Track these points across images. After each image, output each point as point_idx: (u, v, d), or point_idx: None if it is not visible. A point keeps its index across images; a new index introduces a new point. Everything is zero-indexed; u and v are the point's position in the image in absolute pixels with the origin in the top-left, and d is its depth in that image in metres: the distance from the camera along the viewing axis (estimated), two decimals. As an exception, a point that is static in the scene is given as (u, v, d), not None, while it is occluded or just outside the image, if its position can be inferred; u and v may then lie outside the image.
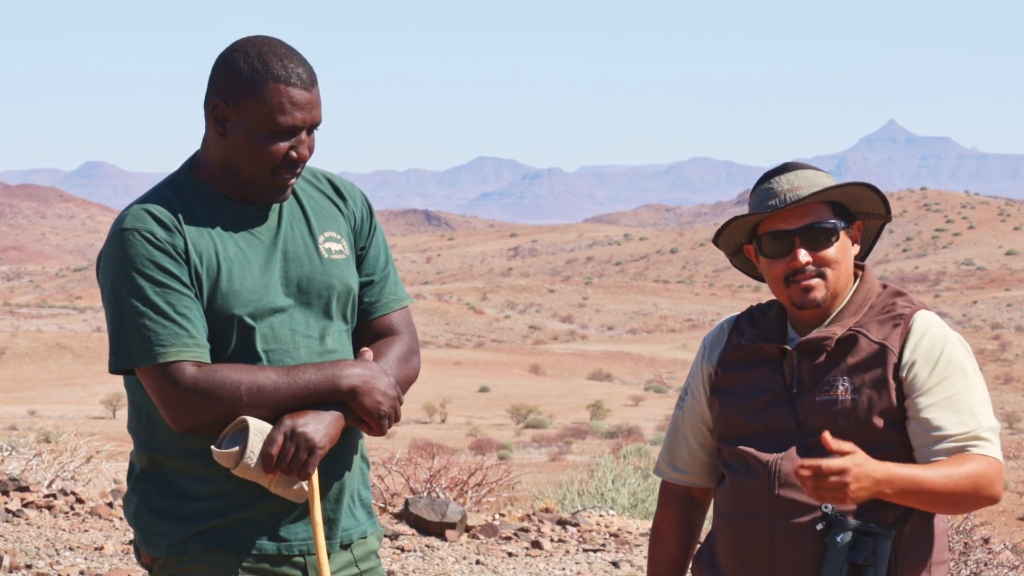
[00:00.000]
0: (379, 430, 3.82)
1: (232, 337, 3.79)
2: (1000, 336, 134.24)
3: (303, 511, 3.84)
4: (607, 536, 12.12)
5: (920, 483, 3.76)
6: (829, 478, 3.67)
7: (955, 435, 3.83)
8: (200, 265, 3.78)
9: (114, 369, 3.77)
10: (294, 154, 3.79)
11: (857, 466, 3.69)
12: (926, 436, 3.84)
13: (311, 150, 3.84)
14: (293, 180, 3.83)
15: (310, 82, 3.79)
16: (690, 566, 4.15)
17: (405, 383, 3.94)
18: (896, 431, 3.87)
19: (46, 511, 11.04)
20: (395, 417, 3.84)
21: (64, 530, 10.50)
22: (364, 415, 3.80)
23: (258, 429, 3.70)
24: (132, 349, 3.72)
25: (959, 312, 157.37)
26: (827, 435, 3.69)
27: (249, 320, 3.79)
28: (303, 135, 3.80)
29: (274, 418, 3.74)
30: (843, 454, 3.69)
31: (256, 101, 3.76)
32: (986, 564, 11.01)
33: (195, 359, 3.71)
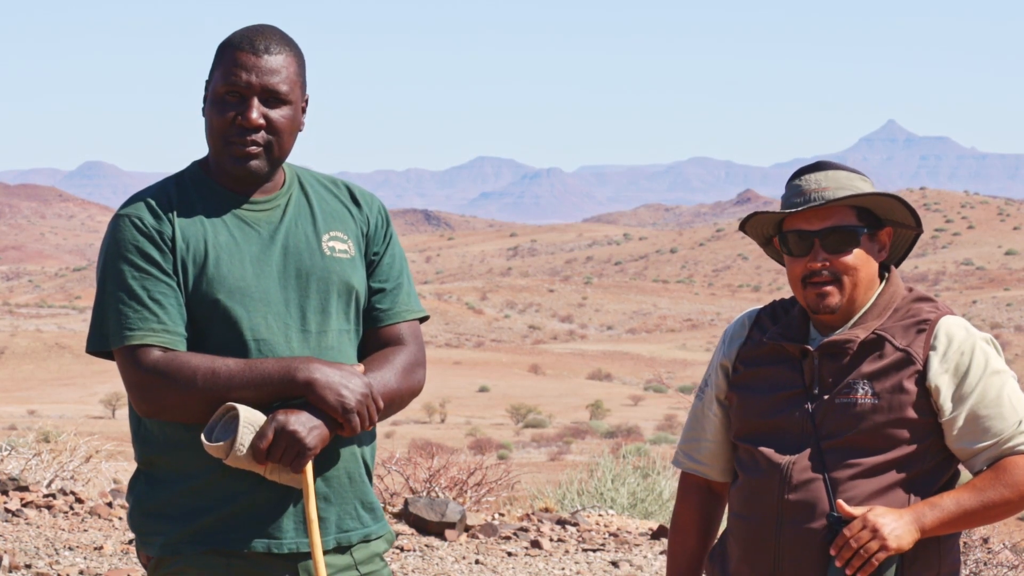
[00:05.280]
0: (349, 428, 3.73)
1: (216, 324, 3.76)
2: (1000, 336, 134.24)
3: (292, 508, 3.80)
4: (606, 536, 12.12)
5: (960, 505, 3.81)
6: (861, 538, 3.73)
7: (1001, 435, 3.82)
8: (186, 252, 3.77)
9: (89, 349, 3.79)
10: (240, 119, 3.76)
11: (877, 515, 3.75)
12: (973, 441, 3.83)
13: (271, 122, 3.78)
14: (255, 149, 3.78)
15: (265, 50, 3.77)
16: (704, 563, 4.13)
17: (407, 394, 3.88)
18: (911, 439, 3.85)
19: (45, 511, 11.05)
20: (368, 416, 3.75)
21: (63, 530, 10.50)
22: (328, 410, 3.70)
23: (248, 420, 3.66)
24: (106, 331, 3.75)
25: (959, 312, 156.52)
26: (842, 503, 3.78)
27: (235, 308, 3.76)
28: (253, 100, 3.77)
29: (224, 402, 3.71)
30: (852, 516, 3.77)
31: (215, 69, 3.81)
32: (985, 564, 11.01)
33: (162, 344, 3.70)
